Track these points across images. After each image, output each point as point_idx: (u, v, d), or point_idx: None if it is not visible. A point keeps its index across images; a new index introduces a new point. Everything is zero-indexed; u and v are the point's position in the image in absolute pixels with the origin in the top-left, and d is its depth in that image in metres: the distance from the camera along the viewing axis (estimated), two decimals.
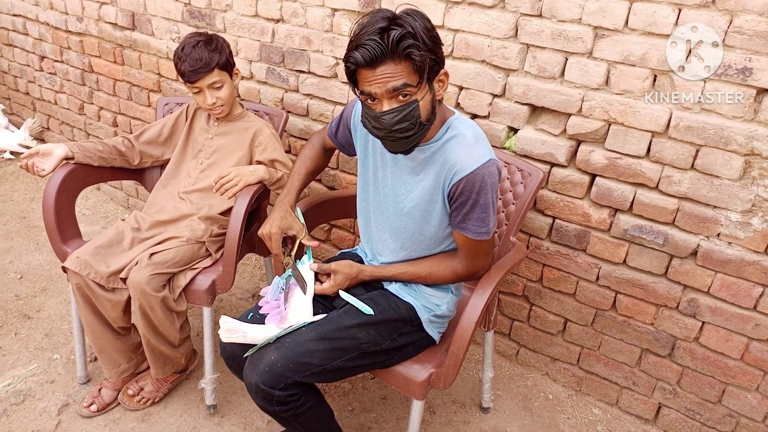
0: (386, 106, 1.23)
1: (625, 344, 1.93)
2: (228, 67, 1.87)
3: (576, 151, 1.81)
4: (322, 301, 1.51)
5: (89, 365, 2.03)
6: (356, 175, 1.59)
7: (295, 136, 2.44)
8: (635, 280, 1.84)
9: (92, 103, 3.21)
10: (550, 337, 2.09)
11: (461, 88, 1.95)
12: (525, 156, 1.88)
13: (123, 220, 1.90)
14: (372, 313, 1.40)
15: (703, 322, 1.76)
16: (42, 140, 3.70)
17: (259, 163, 1.95)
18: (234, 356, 1.42)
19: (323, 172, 2.43)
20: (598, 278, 1.91)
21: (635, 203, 1.74)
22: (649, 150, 1.67)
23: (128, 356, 1.87)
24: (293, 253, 1.52)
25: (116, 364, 1.86)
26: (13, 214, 3.16)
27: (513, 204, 1.72)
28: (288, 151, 2.49)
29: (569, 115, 1.77)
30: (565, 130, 1.79)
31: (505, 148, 1.91)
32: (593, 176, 1.80)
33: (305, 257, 1.52)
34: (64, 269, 1.72)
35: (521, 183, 1.71)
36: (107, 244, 1.76)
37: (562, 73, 1.74)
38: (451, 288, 1.55)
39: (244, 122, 2.01)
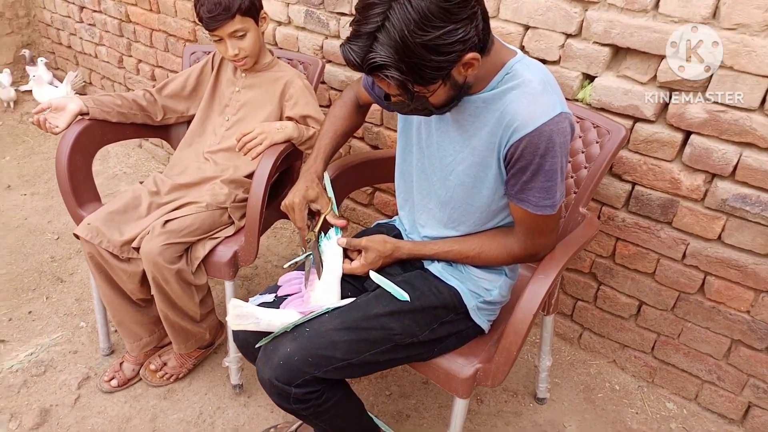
0: (394, 99, 1.07)
1: (711, 333, 1.64)
2: (252, 11, 1.63)
3: (667, 103, 1.48)
4: (351, 282, 1.29)
5: (113, 336, 1.91)
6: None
7: (335, 89, 2.19)
8: (731, 260, 1.52)
9: (131, 56, 3.07)
10: (621, 321, 1.81)
11: (527, 28, 1.63)
12: (602, 110, 1.57)
13: (141, 182, 1.73)
14: (408, 299, 1.17)
15: None
16: (84, 95, 3.61)
17: (289, 119, 1.72)
18: (247, 344, 1.23)
19: (365, 129, 2.18)
20: (684, 256, 1.60)
21: (739, 167, 1.42)
22: (764, 101, 1.33)
23: (149, 329, 1.74)
24: (317, 228, 1.30)
25: (137, 338, 1.73)
26: (55, 172, 3.10)
27: (585, 168, 1.42)
28: (327, 106, 2.25)
29: (662, 57, 1.43)
30: (655, 76, 1.47)
31: (577, 100, 1.60)
32: (687, 134, 1.48)
33: (332, 231, 1.29)
34: (77, 236, 1.57)
35: (596, 142, 1.41)
36: (122, 210, 1.60)
37: (656, 5, 1.40)
38: (505, 270, 1.29)
39: (274, 72, 1.78)
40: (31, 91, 3.54)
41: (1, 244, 2.48)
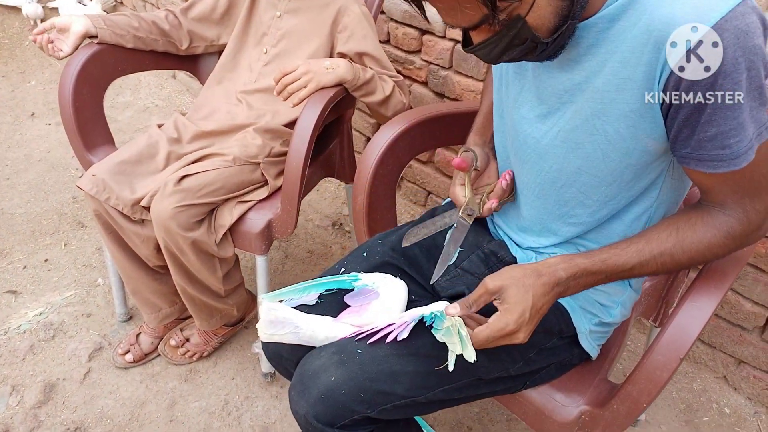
0: (475, 38, 0.71)
1: None
2: None
3: None
4: (420, 282, 0.97)
5: (130, 299, 1.67)
6: (475, 79, 0.99)
7: (397, 21, 1.80)
8: None
9: None
10: (741, 332, 1.45)
11: None
12: None
13: (160, 126, 1.42)
14: (474, 359, 0.77)
15: None
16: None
17: (341, 55, 1.36)
18: (279, 357, 0.93)
19: (430, 72, 1.80)
20: None
21: None
22: None
23: (170, 299, 1.47)
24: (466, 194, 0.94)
25: (156, 309, 1.47)
26: None
27: None
28: (386, 42, 1.87)
29: None
30: None
31: None
32: None
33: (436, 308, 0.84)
34: (81, 188, 1.29)
35: None
36: (135, 160, 1.30)
37: None
38: (630, 282, 0.94)
39: None
40: (57, 8, 3.24)
41: (21, 179, 2.26)
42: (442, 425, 1.41)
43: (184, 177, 1.22)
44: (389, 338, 0.81)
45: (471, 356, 0.75)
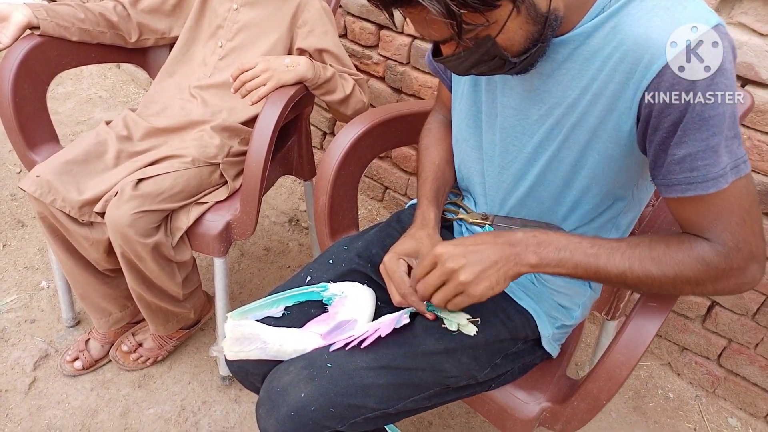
0: (445, 50, 0.73)
1: None
2: None
3: None
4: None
5: (78, 303, 1.60)
6: (433, 75, 1.00)
7: (354, 15, 1.78)
8: None
9: None
10: (684, 321, 1.53)
11: None
12: None
13: (108, 123, 1.35)
14: (475, 333, 0.84)
15: None
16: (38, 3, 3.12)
17: (300, 51, 1.34)
18: (245, 372, 0.91)
19: (387, 67, 1.79)
20: None
21: None
22: None
23: (121, 303, 1.42)
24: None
25: (106, 314, 1.41)
26: None
27: None
28: (342, 36, 1.85)
29: None
30: None
31: None
32: None
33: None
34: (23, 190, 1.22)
35: None
36: (82, 159, 1.24)
37: None
38: (590, 283, 0.97)
39: None
40: None
41: None
42: (404, 421, 1.42)
43: (141, 180, 1.17)
44: (364, 344, 0.81)
45: (471, 331, 0.79)
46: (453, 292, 0.74)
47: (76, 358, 1.45)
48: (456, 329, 0.84)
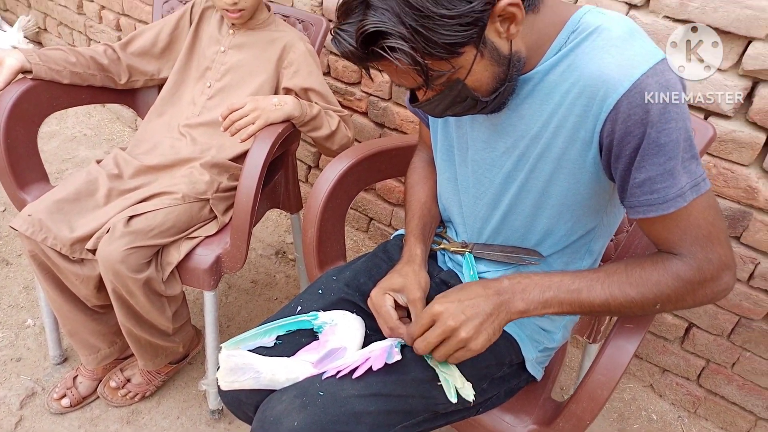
0: (420, 95, 0.80)
1: None
2: None
3: (751, 95, 1.21)
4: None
5: (65, 340, 1.59)
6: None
7: (337, 54, 1.85)
8: None
9: (92, 1, 2.64)
10: (664, 343, 1.58)
11: None
12: None
13: (99, 162, 1.39)
14: (473, 398, 0.84)
15: None
16: (39, 43, 3.17)
17: (287, 90, 1.39)
18: (238, 402, 0.93)
19: (370, 103, 1.86)
20: (751, 277, 1.36)
21: None
22: None
23: (109, 339, 1.42)
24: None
25: (94, 350, 1.41)
26: None
27: None
28: (326, 74, 1.91)
29: (750, 40, 1.16)
30: (738, 62, 1.20)
31: None
32: None
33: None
34: (14, 229, 1.24)
35: None
36: (73, 197, 1.26)
37: None
38: None
39: (271, 32, 1.43)
40: None
41: None
42: None
43: (132, 217, 1.19)
44: (356, 374, 0.84)
45: (469, 394, 0.81)
46: (455, 347, 0.77)
47: (64, 396, 1.44)
48: (456, 399, 0.84)
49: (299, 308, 0.97)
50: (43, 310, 1.50)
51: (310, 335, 0.94)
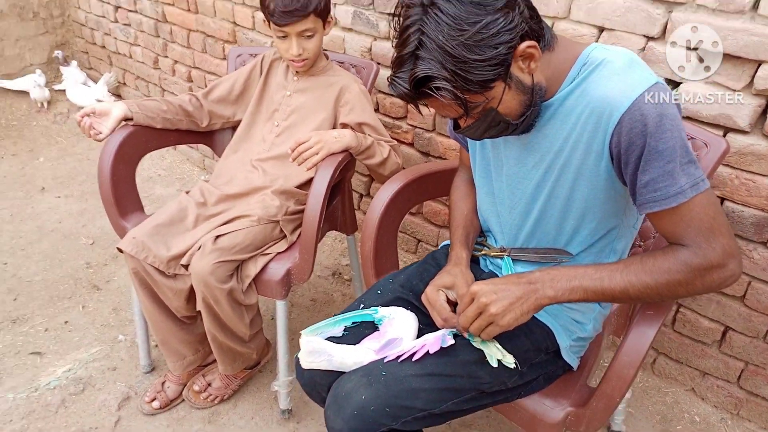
0: (461, 123, 0.98)
1: None
2: (325, 13, 1.53)
3: (765, 112, 1.33)
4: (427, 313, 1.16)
5: (153, 351, 1.82)
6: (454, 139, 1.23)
7: (384, 92, 2.06)
8: None
9: (167, 56, 2.98)
10: (702, 347, 1.66)
11: (602, 30, 1.49)
12: (688, 119, 1.42)
13: (187, 192, 1.62)
14: (513, 365, 1.01)
15: None
16: (119, 96, 3.55)
17: (344, 126, 1.60)
18: (314, 383, 1.10)
19: (416, 134, 2.05)
20: None
21: None
22: None
23: (194, 348, 1.63)
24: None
25: (181, 357, 1.62)
26: (89, 174, 3.03)
27: None
28: (376, 110, 2.13)
29: (760, 63, 1.29)
30: (751, 83, 1.32)
31: None
32: None
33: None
34: (120, 250, 1.47)
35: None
36: (168, 222, 1.49)
37: (755, 6, 1.25)
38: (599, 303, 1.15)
39: (329, 77, 1.65)
40: (64, 90, 3.47)
41: (36, 249, 2.41)
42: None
43: (218, 237, 1.41)
44: (415, 357, 1.00)
45: (510, 362, 0.98)
46: (486, 321, 0.93)
47: (154, 399, 1.65)
48: (497, 364, 1.00)
49: (362, 305, 1.15)
50: (137, 323, 1.72)
51: (371, 327, 1.11)
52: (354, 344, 1.07)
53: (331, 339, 1.09)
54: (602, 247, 1.07)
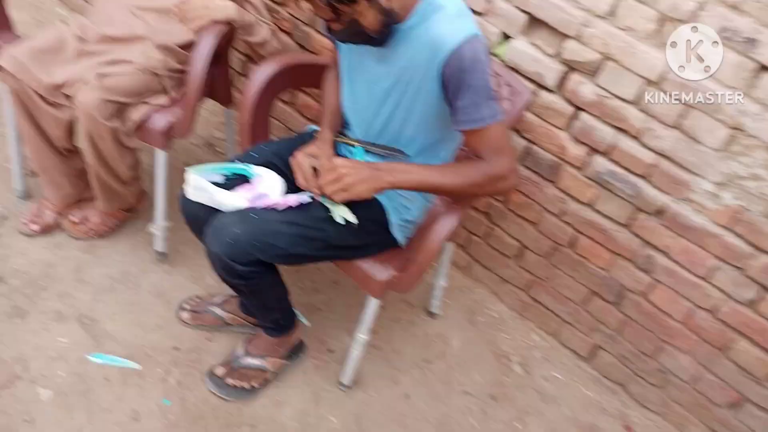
0: (332, 26, 1.21)
1: (575, 282, 1.92)
2: None
3: (566, 77, 1.65)
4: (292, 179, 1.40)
5: (28, 179, 1.87)
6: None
7: None
8: (598, 223, 1.79)
9: None
10: (505, 259, 2.06)
11: None
12: (513, 69, 1.71)
13: (65, 23, 1.64)
14: (356, 221, 1.32)
15: (656, 280, 1.76)
16: None
17: None
18: (196, 216, 1.35)
19: (294, 25, 2.09)
20: (562, 213, 1.85)
21: (614, 148, 1.66)
22: (639, 97, 1.56)
23: (73, 181, 1.73)
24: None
25: (59, 187, 1.72)
26: None
27: None
28: None
29: (567, 37, 1.59)
30: (559, 52, 1.63)
31: (495, 54, 1.74)
32: (578, 109, 1.67)
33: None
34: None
35: (508, 99, 1.60)
36: (47, 49, 1.52)
37: None
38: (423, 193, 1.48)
39: None
40: None
41: None
42: (298, 305, 1.75)
43: (103, 76, 1.48)
44: (278, 209, 1.28)
45: (353, 220, 1.29)
46: (340, 187, 1.22)
47: (33, 222, 1.75)
48: (343, 221, 1.31)
49: (237, 161, 1.39)
50: (12, 148, 1.77)
51: (245, 181, 1.36)
52: (230, 190, 1.31)
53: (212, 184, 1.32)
54: (431, 152, 1.39)
